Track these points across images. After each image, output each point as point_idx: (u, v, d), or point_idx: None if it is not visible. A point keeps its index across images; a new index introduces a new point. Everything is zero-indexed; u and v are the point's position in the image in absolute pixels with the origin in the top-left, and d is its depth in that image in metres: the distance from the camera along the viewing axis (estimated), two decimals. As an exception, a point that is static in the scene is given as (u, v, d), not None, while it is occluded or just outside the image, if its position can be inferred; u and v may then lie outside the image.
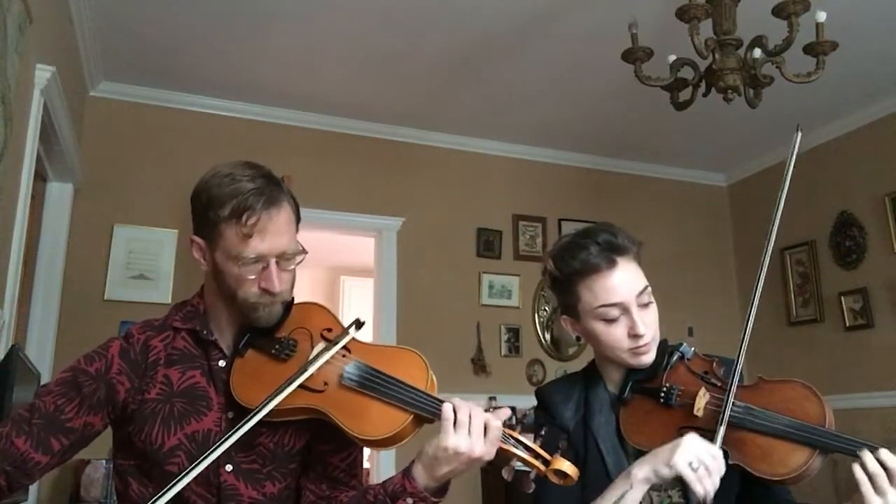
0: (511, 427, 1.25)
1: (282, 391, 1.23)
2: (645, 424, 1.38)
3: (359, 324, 1.34)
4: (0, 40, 2.13)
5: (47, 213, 3.61)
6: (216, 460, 1.29)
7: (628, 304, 1.39)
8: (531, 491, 1.22)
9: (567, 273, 1.43)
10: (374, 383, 1.26)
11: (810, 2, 2.67)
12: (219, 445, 1.18)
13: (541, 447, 1.23)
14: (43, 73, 2.76)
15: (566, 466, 1.21)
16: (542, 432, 1.25)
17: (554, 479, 1.21)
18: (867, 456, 1.20)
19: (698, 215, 5.41)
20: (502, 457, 1.23)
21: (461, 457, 1.20)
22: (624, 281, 1.39)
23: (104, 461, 3.34)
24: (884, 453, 1.20)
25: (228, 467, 1.30)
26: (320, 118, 4.50)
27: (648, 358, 1.41)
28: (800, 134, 1.36)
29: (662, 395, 1.38)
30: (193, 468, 1.16)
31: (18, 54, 2.36)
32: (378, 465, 4.16)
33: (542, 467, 1.21)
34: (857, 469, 1.20)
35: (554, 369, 4.70)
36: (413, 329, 4.28)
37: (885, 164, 4.37)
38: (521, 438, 1.23)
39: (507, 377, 4.61)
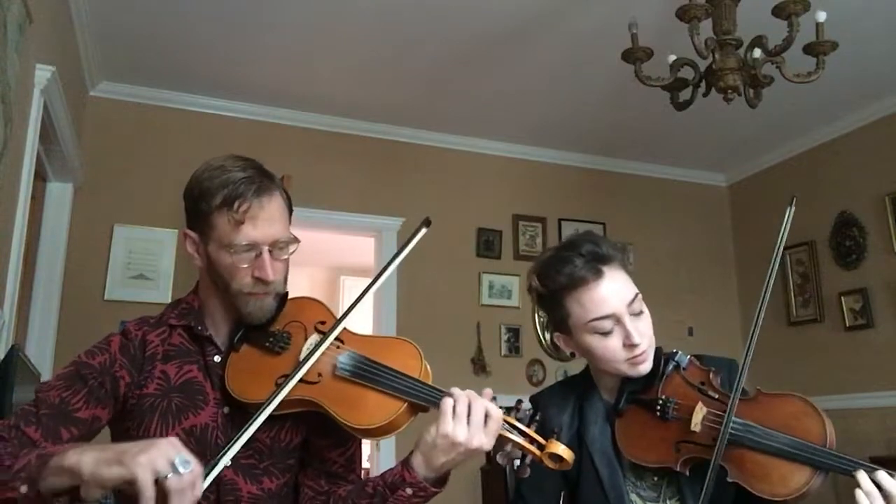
0: (505, 412, 1.24)
1: (287, 383, 1.23)
2: (641, 438, 1.36)
3: (428, 222, 1.36)
4: (0, 40, 2.13)
5: (47, 213, 3.61)
6: (215, 456, 1.30)
7: (620, 314, 1.36)
8: (526, 475, 1.22)
9: (553, 289, 1.40)
10: (367, 372, 1.27)
11: (810, 2, 2.67)
12: (228, 448, 1.18)
13: (536, 431, 1.23)
14: (43, 73, 2.76)
15: (561, 450, 1.20)
16: (537, 417, 1.25)
17: (549, 463, 1.21)
18: (862, 476, 1.18)
19: (698, 215, 5.41)
20: (497, 442, 1.23)
21: (459, 447, 1.20)
22: (613, 291, 1.36)
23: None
24: (880, 475, 1.18)
25: (227, 463, 1.30)
26: (320, 118, 4.50)
27: (646, 367, 1.39)
28: (793, 207, 1.34)
29: (658, 408, 1.35)
30: (210, 472, 1.16)
31: (18, 54, 2.36)
32: (377, 462, 4.16)
33: (538, 451, 1.21)
34: (859, 494, 1.18)
35: (554, 369, 4.70)
36: (413, 329, 4.27)
37: (885, 164, 4.37)
38: (517, 424, 1.23)
39: (507, 377, 4.60)
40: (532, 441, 1.22)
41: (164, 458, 1.01)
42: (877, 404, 4.24)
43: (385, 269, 1.35)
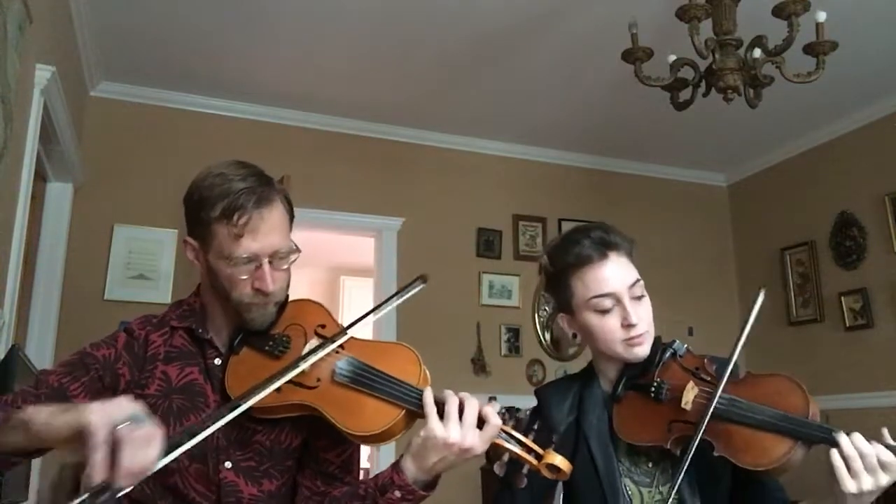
0: (503, 421, 1.24)
1: (271, 383, 1.23)
2: (636, 419, 1.40)
3: (425, 279, 1.38)
4: (0, 40, 2.14)
5: (47, 213, 3.61)
6: (216, 458, 1.30)
7: (620, 294, 1.41)
8: (523, 486, 1.23)
9: (560, 267, 1.46)
10: (365, 379, 1.26)
11: (810, 2, 2.67)
12: (203, 427, 1.16)
13: (533, 441, 1.23)
14: (43, 73, 2.76)
15: (558, 461, 1.21)
16: (535, 427, 1.26)
17: (547, 473, 1.22)
18: (843, 439, 1.22)
19: (698, 215, 5.41)
20: (495, 451, 1.23)
21: (452, 447, 1.19)
22: (615, 272, 1.42)
23: (104, 461, 3.34)
24: (857, 437, 1.22)
25: (228, 464, 1.30)
26: (320, 118, 4.50)
27: (643, 350, 1.42)
28: (762, 293, 1.39)
29: (653, 390, 1.39)
30: (177, 447, 1.13)
31: (18, 54, 2.36)
32: (377, 463, 4.16)
33: (535, 462, 1.21)
34: (833, 454, 1.21)
35: (554, 369, 4.69)
36: (413, 329, 4.27)
37: (885, 164, 4.37)
38: (514, 433, 1.23)
39: (507, 377, 4.60)
40: (529, 451, 1.22)
41: (120, 410, 1.00)
42: (877, 404, 4.23)
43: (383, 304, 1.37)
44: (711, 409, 1.28)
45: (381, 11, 3.41)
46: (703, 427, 1.28)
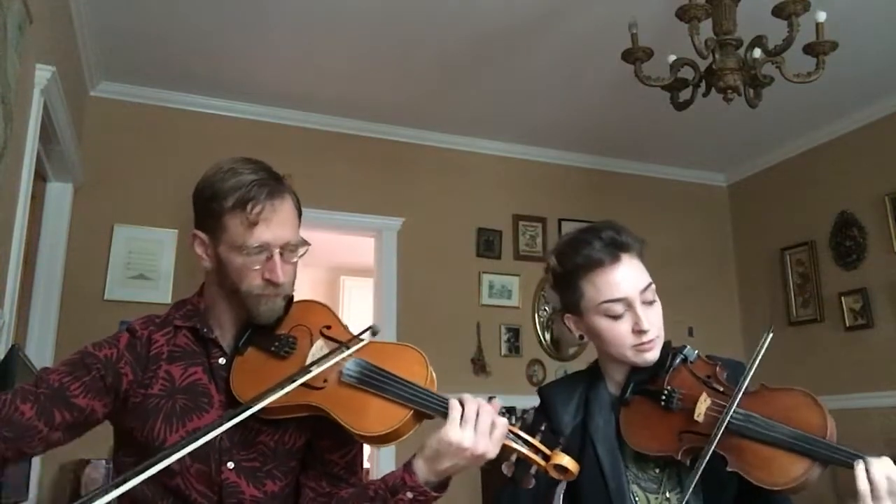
0: (511, 422, 1.25)
1: (283, 388, 1.23)
2: (645, 427, 1.37)
3: (374, 331, 1.34)
4: (0, 40, 2.13)
5: (47, 213, 3.61)
6: (218, 459, 1.29)
7: (632, 299, 1.38)
8: (531, 486, 1.22)
9: (570, 268, 1.43)
10: (373, 380, 1.27)
11: (810, 2, 2.67)
12: (212, 428, 1.16)
13: (541, 442, 1.23)
14: (43, 73, 2.76)
15: (566, 461, 1.21)
16: (542, 427, 1.25)
17: (554, 473, 1.22)
18: (874, 462, 1.19)
19: (698, 215, 5.41)
20: (503, 452, 1.24)
21: (465, 452, 1.20)
22: (627, 276, 1.39)
23: (104, 461, 3.34)
24: (886, 461, 1.20)
25: (230, 465, 1.30)
26: (320, 118, 4.50)
27: (653, 355, 1.40)
28: (770, 335, 1.36)
29: (663, 398, 1.37)
30: (181, 448, 1.12)
31: (18, 54, 2.36)
32: (378, 464, 4.16)
33: (543, 462, 1.22)
34: (860, 474, 1.19)
35: (554, 369, 4.70)
36: (413, 329, 4.28)
37: (885, 164, 4.37)
38: (521, 433, 1.24)
39: (507, 377, 4.60)
40: (537, 451, 1.22)
41: None
42: (877, 404, 4.23)
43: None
44: (725, 424, 1.26)
45: (381, 11, 3.41)
46: (716, 441, 1.26)
